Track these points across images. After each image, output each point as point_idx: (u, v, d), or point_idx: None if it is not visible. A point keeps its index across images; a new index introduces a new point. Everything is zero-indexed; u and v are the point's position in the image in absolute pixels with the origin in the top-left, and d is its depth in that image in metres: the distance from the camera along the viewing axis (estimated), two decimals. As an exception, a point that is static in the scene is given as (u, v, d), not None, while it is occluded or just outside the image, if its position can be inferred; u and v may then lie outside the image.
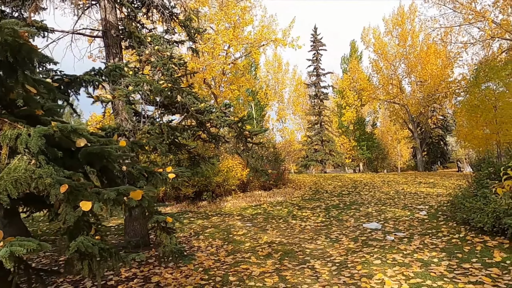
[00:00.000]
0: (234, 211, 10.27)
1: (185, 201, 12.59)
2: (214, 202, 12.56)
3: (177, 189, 12.55)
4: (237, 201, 12.45)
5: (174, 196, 12.81)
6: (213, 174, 13.07)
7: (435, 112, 35.53)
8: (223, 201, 12.54)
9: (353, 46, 42.02)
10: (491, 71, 19.45)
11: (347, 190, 13.91)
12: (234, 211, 10.27)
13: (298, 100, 39.33)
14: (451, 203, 7.28)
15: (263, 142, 6.05)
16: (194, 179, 12.62)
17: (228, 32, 19.09)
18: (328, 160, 30.72)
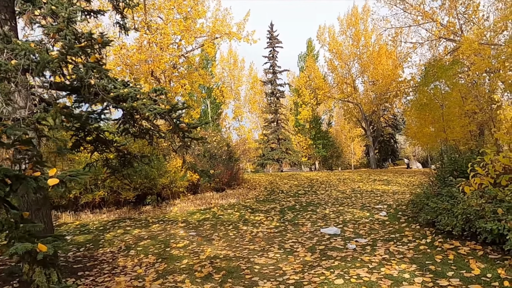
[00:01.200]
0: (180, 216, 9.13)
1: (126, 207, 11.17)
2: (160, 207, 11.29)
3: (118, 193, 11.09)
4: (185, 204, 11.28)
5: (113, 201, 11.33)
6: (158, 175, 11.78)
7: (386, 111, 36.69)
8: (169, 205, 11.30)
9: (309, 45, 42.21)
10: (439, 71, 20.05)
11: (304, 190, 13.31)
12: (180, 216, 9.13)
13: (255, 98, 38.68)
14: (412, 203, 6.78)
15: (204, 137, 5.01)
16: (136, 181, 11.25)
17: (178, 22, 17.78)
18: (285, 159, 30.35)
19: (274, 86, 31.52)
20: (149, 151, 14.13)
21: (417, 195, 6.41)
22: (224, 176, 14.09)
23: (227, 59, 36.66)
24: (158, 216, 9.39)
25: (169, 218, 9.00)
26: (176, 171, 12.27)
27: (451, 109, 19.99)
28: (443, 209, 5.08)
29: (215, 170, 14.13)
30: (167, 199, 11.91)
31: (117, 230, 7.62)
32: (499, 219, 4.02)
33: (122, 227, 8.00)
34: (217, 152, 16.39)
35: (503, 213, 4.03)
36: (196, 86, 23.19)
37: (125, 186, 10.96)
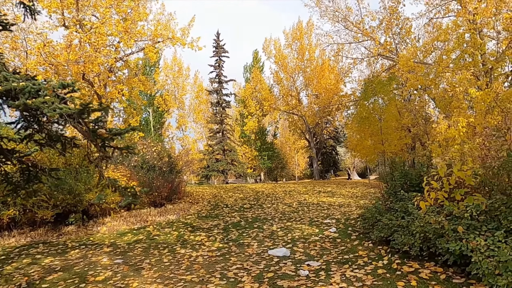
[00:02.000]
0: (107, 238, 7.88)
1: (44, 228, 9.51)
2: (86, 227, 9.81)
3: (34, 212, 9.40)
4: (116, 223, 9.94)
5: (27, 222, 9.60)
6: (85, 190, 10.30)
7: (328, 124, 37.95)
8: (97, 224, 9.89)
9: (255, 56, 42.47)
10: (378, 86, 21.04)
11: (249, 203, 12.66)
12: (108, 238, 7.88)
13: (200, 108, 37.64)
14: (362, 218, 6.45)
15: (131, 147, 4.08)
16: (56, 197, 9.68)
17: (116, 23, 16.38)
18: (230, 170, 29.61)
19: (220, 96, 30.85)
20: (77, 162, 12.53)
21: (368, 210, 6.08)
22: (163, 190, 12.93)
23: (171, 66, 35.27)
24: (81, 239, 8.02)
25: (94, 240, 7.71)
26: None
27: (389, 123, 21.04)
28: (398, 226, 4.74)
29: (154, 183, 12.93)
30: (95, 217, 10.45)
31: (23, 259, 6.21)
32: (460, 238, 3.70)
33: (32, 254, 6.58)
34: (157, 163, 15.16)
35: (464, 232, 3.73)
36: (136, 92, 21.68)
37: (42, 203, 9.34)
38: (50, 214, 9.25)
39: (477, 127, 12.18)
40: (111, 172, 11.31)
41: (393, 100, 20.24)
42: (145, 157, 14.95)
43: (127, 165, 13.54)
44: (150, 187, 12.70)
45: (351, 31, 24.27)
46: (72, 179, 10.52)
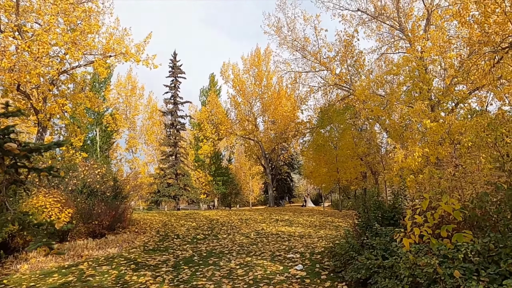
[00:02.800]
0: (26, 281, 6.41)
1: None
2: (2, 264, 8.10)
3: None
4: (44, 258, 8.36)
5: None
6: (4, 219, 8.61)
7: (284, 151, 38.07)
8: (19, 261, 8.22)
9: (212, 80, 42.11)
10: (334, 114, 21.43)
11: (203, 233, 11.58)
12: (27, 281, 6.41)
13: (152, 129, 35.95)
14: (331, 253, 5.83)
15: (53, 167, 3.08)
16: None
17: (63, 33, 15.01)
18: (183, 196, 28.05)
19: (175, 118, 29.66)
20: None
21: (340, 245, 5.47)
22: (105, 218, 11.44)
23: (124, 84, 33.55)
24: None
25: (8, 285, 6.21)
26: (36, 212, 9.28)
27: (344, 151, 21.32)
28: (378, 266, 4.15)
29: (94, 210, 11.41)
30: (17, 251, 8.73)
31: None
32: (458, 285, 3.17)
33: None
34: (100, 187, 13.59)
35: (461, 277, 3.21)
36: (82, 109, 19.94)
37: None
38: (-46, 250, 7.48)
39: (431, 158, 12.49)
40: (42, 197, 9.72)
41: (348, 129, 20.63)
42: (86, 180, 13.34)
43: (63, 189, 11.89)
44: (89, 214, 11.17)
45: (308, 60, 24.87)
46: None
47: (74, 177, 13.11)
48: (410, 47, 19.25)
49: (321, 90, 27.71)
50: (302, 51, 25.65)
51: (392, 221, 5.12)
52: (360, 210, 5.65)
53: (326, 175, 23.23)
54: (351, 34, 23.17)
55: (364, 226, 5.25)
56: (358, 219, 5.68)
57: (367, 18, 22.59)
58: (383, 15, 21.72)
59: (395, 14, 20.94)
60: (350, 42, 23.33)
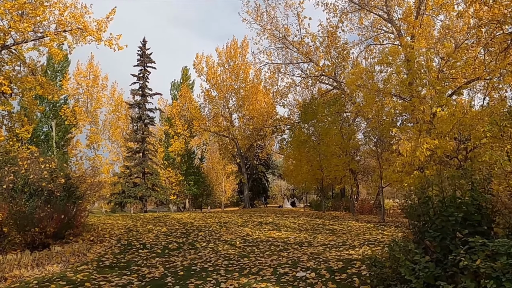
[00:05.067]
0: None
1: None
2: None
3: None
4: None
5: None
6: None
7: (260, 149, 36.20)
8: None
9: (185, 73, 39.49)
10: (319, 107, 19.84)
11: (176, 242, 9.39)
12: None
13: (117, 124, 32.79)
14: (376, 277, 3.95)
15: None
16: None
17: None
18: (151, 197, 25.39)
19: (143, 111, 26.92)
20: None
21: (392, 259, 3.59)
22: (49, 224, 8.97)
23: (85, 74, 30.24)
24: None
25: None
26: None
27: (330, 148, 19.77)
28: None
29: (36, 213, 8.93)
30: None
31: None
32: None
33: None
34: (47, 186, 10.96)
35: None
36: (30, 95, 16.96)
37: None
38: None
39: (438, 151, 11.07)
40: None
41: (336, 123, 19.08)
42: (29, 176, 10.69)
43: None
44: (28, 220, 8.67)
45: (290, 50, 23.23)
46: None
47: (12, 172, 10.43)
48: (399, 37, 18.07)
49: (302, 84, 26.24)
50: (283, 41, 23.98)
51: (480, 228, 3.34)
52: (414, 215, 3.80)
53: (308, 173, 21.60)
54: (335, 24, 21.80)
55: (437, 236, 3.42)
56: (415, 229, 3.83)
57: (351, 8, 21.28)
58: (370, 5, 20.48)
59: (383, 2, 19.72)
60: (335, 33, 21.95)
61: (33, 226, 8.61)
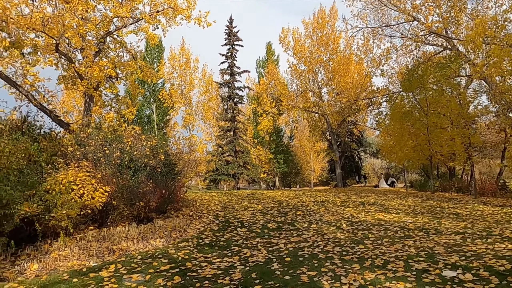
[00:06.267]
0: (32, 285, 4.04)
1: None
2: (15, 258, 6.02)
3: None
4: (66, 252, 6.13)
5: None
6: (20, 196, 6.55)
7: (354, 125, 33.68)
8: (38, 253, 6.08)
9: (269, 49, 38.64)
10: (428, 72, 16.91)
11: (274, 220, 8.70)
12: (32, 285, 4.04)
13: (209, 105, 33.88)
14: None
15: None
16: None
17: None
18: (242, 174, 25.68)
19: (232, 89, 27.07)
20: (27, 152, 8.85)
21: None
22: (152, 198, 9.10)
23: (178, 58, 31.69)
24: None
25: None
26: (63, 190, 7.10)
27: (442, 120, 16.88)
28: None
29: (140, 188, 9.14)
30: (35, 241, 6.64)
31: None
32: None
33: None
34: (150, 162, 11.33)
35: None
36: (132, 79, 18.01)
37: None
38: None
39: None
40: (71, 171, 7.52)
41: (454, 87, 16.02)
42: (133, 153, 11.15)
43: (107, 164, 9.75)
44: (133, 194, 8.91)
45: (390, 8, 20.28)
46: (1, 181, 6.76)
47: (119, 149, 10.97)
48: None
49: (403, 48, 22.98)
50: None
51: None
52: None
53: (412, 150, 18.97)
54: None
55: None
56: None
57: None
58: None
59: None
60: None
61: (138, 200, 8.81)
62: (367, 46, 26.09)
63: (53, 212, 6.58)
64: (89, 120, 13.85)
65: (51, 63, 12.75)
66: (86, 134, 10.43)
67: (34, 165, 8.84)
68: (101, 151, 10.18)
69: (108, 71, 13.33)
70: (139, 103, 23.23)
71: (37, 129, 12.26)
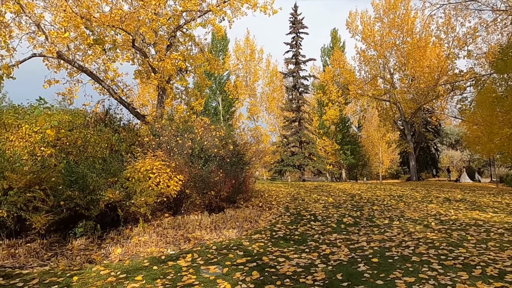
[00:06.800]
0: (101, 279, 4.14)
1: (43, 240, 6.27)
2: (100, 241, 6.37)
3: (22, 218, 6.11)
4: (145, 238, 6.32)
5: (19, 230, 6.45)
6: (104, 183, 6.91)
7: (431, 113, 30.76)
8: (118, 240, 6.37)
9: (334, 36, 36.92)
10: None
11: (350, 216, 8.09)
12: (102, 279, 4.14)
13: (273, 95, 33.68)
14: None
15: None
16: (59, 194, 6.40)
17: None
18: (308, 165, 25.07)
19: (297, 79, 26.44)
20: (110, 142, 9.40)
21: None
22: (223, 188, 9.10)
23: (243, 49, 31.91)
24: (63, 274, 4.43)
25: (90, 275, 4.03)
26: (141, 178, 7.36)
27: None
28: None
29: (211, 178, 9.20)
30: (117, 226, 6.98)
31: None
32: None
33: None
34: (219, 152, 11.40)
35: None
36: (200, 71, 18.44)
37: (35, 203, 6.10)
38: (42, 222, 5.92)
39: None
40: (148, 160, 7.78)
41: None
42: (203, 143, 11.31)
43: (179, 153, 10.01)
44: (205, 183, 8.99)
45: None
46: (89, 168, 7.21)
47: (190, 139, 11.21)
48: None
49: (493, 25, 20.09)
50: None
51: None
52: None
53: (507, 139, 16.58)
54: None
55: None
56: None
57: None
58: None
59: None
60: None
61: (210, 189, 8.86)
62: (448, 25, 23.54)
63: (133, 199, 6.83)
64: (162, 112, 14.47)
65: (128, 58, 13.52)
66: (161, 124, 10.82)
67: (115, 154, 9.40)
68: (173, 141, 10.48)
69: (179, 63, 13.68)
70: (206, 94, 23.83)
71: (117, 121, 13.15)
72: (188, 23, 15.30)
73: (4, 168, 6.31)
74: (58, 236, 6.54)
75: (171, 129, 10.67)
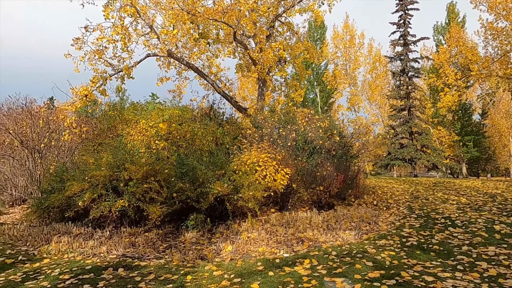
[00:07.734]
0: (211, 280, 3.76)
1: (158, 229, 6.42)
2: (211, 235, 6.20)
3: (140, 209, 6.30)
4: (254, 235, 5.91)
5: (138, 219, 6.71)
6: (212, 176, 6.76)
7: None
8: (225, 236, 6.10)
9: (451, 10, 31.84)
10: None
11: (500, 221, 6.34)
12: (212, 280, 3.75)
13: (376, 83, 30.91)
14: None
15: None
16: (172, 186, 6.44)
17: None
18: (421, 159, 22.16)
19: (406, 62, 23.55)
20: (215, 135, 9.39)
21: None
22: (333, 183, 8.22)
23: (341, 36, 30.01)
24: (177, 271, 4.23)
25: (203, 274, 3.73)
26: (247, 171, 7.03)
27: None
28: None
29: (318, 171, 8.42)
30: (225, 220, 6.75)
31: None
32: None
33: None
34: (324, 144, 10.52)
35: None
36: (299, 61, 17.76)
37: (151, 193, 6.23)
38: (157, 213, 5.98)
39: None
40: (254, 153, 7.41)
41: None
42: (307, 134, 10.58)
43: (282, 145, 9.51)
44: (312, 177, 8.26)
45: None
46: (197, 161, 7.16)
47: (293, 130, 10.60)
48: None
49: None
50: None
51: None
52: None
53: None
54: None
55: None
56: None
57: None
58: None
59: None
60: None
61: (318, 184, 8.09)
62: None
63: (240, 193, 6.51)
64: (263, 104, 14.25)
65: (229, 52, 13.62)
66: (263, 116, 10.49)
67: (220, 147, 9.37)
68: (276, 133, 10.01)
69: (280, 52, 13.19)
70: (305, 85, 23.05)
71: (220, 115, 13.38)
72: (287, 9, 14.70)
73: (125, 160, 6.64)
74: (172, 227, 6.62)
75: (274, 121, 10.23)
